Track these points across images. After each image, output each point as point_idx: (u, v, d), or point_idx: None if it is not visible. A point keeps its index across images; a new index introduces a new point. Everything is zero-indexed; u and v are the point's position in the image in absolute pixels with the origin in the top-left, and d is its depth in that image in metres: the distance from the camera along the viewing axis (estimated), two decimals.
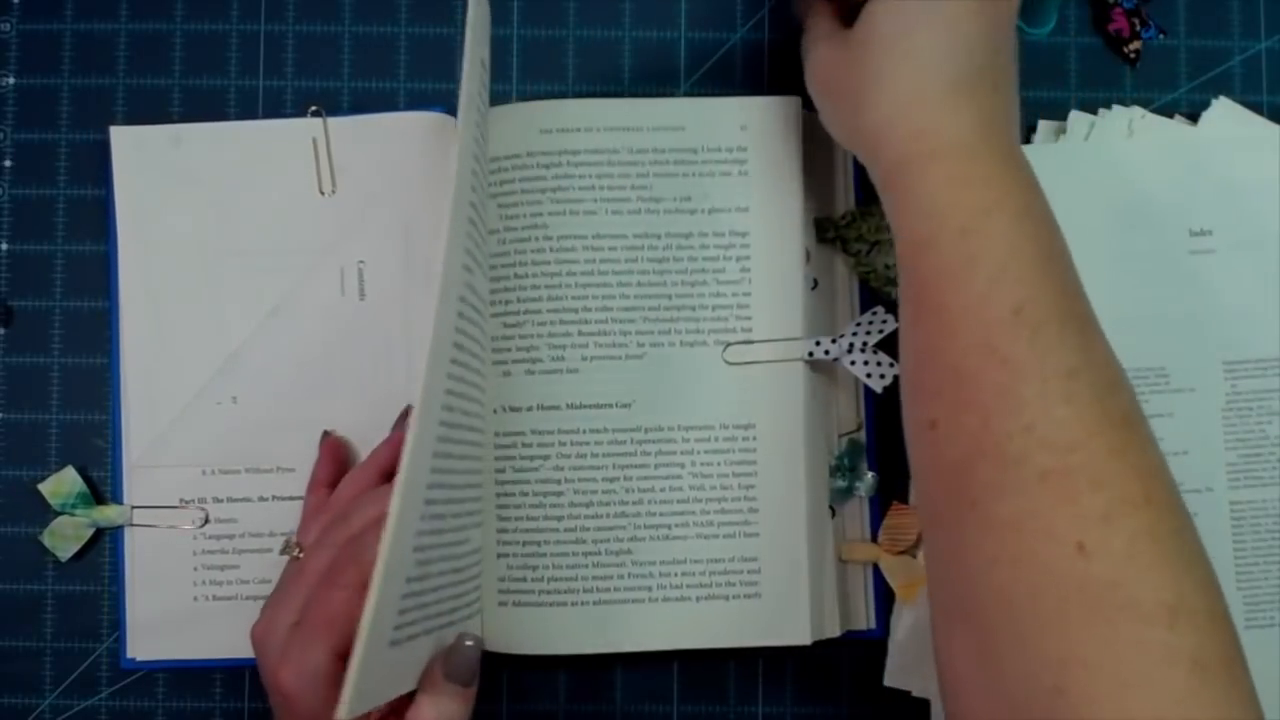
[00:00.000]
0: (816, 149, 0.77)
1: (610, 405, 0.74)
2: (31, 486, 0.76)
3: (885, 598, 0.77)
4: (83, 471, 0.77)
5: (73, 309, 0.78)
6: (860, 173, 0.78)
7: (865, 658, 0.78)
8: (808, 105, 0.76)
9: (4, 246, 0.79)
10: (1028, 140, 0.79)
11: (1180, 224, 0.76)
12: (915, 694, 0.77)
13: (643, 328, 0.75)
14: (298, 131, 0.77)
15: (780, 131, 0.76)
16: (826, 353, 0.74)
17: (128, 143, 0.77)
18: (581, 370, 0.74)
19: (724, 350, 0.75)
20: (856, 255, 0.77)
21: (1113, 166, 0.76)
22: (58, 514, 0.76)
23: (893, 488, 0.77)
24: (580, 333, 0.74)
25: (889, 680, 0.77)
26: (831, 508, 0.77)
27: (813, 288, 0.77)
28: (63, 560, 0.76)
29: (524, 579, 0.74)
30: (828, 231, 0.77)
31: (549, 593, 0.74)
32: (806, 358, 0.74)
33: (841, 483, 0.76)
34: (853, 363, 0.74)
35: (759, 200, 0.75)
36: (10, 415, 0.78)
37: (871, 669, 0.78)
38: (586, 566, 0.73)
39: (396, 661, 0.57)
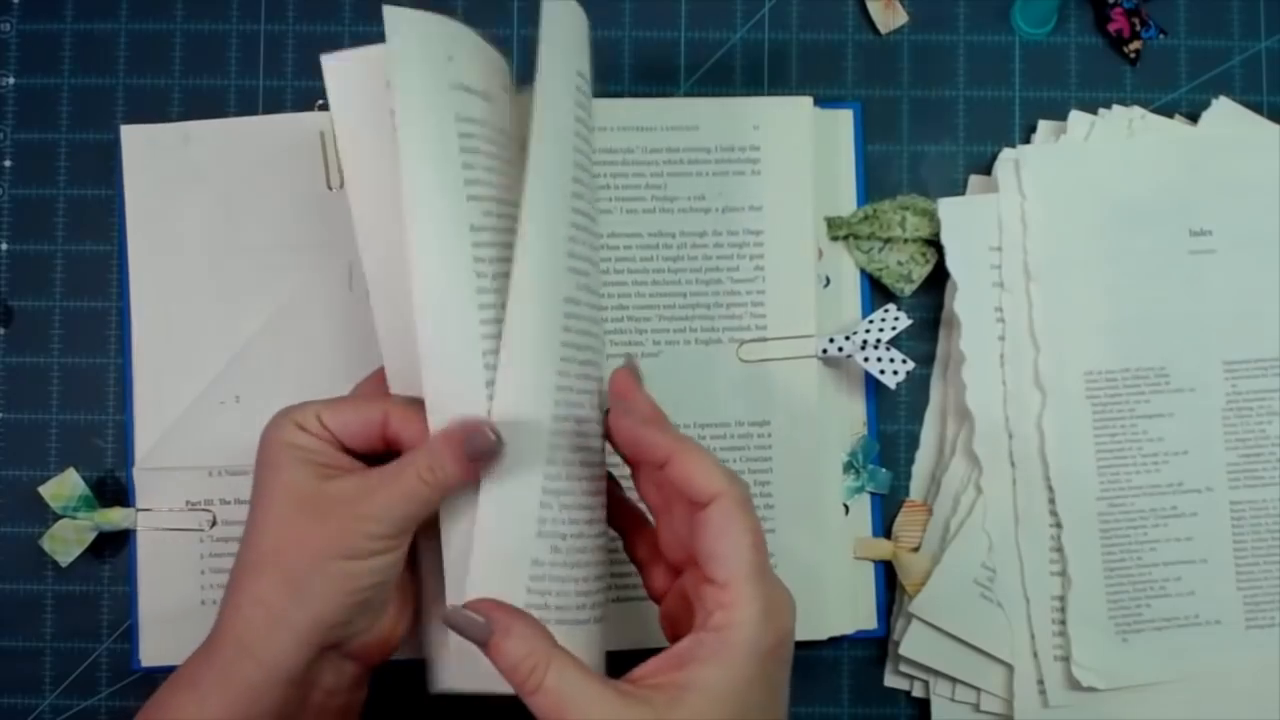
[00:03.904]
0: (827, 148, 0.78)
1: None
2: (31, 487, 0.75)
3: (887, 597, 0.77)
4: (84, 473, 0.76)
5: (73, 309, 0.78)
6: (869, 172, 0.79)
7: (865, 658, 0.78)
8: (819, 103, 0.76)
9: (4, 246, 0.78)
10: (1027, 140, 0.80)
11: (1180, 224, 0.77)
12: (915, 694, 0.77)
13: (658, 326, 0.75)
14: (305, 126, 0.77)
15: (792, 131, 0.76)
16: (840, 350, 0.74)
17: (138, 141, 0.77)
18: None
19: (738, 348, 0.75)
20: (869, 253, 0.77)
21: (1113, 166, 0.77)
22: (58, 517, 0.75)
23: (904, 485, 0.78)
24: None
25: (889, 680, 0.78)
26: (845, 505, 0.77)
27: (825, 285, 0.77)
28: (63, 566, 0.76)
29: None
30: (840, 229, 0.77)
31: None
32: (820, 355, 0.75)
33: (854, 480, 0.77)
34: (866, 359, 0.74)
35: (772, 199, 0.76)
36: (10, 415, 0.77)
37: (871, 669, 0.78)
38: (605, 564, 0.73)
39: None
